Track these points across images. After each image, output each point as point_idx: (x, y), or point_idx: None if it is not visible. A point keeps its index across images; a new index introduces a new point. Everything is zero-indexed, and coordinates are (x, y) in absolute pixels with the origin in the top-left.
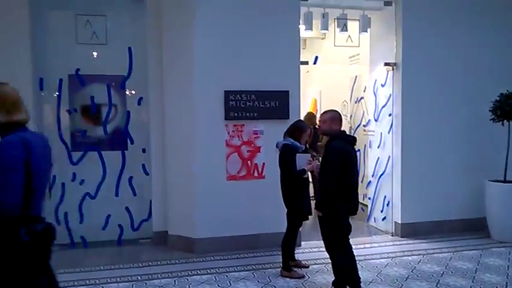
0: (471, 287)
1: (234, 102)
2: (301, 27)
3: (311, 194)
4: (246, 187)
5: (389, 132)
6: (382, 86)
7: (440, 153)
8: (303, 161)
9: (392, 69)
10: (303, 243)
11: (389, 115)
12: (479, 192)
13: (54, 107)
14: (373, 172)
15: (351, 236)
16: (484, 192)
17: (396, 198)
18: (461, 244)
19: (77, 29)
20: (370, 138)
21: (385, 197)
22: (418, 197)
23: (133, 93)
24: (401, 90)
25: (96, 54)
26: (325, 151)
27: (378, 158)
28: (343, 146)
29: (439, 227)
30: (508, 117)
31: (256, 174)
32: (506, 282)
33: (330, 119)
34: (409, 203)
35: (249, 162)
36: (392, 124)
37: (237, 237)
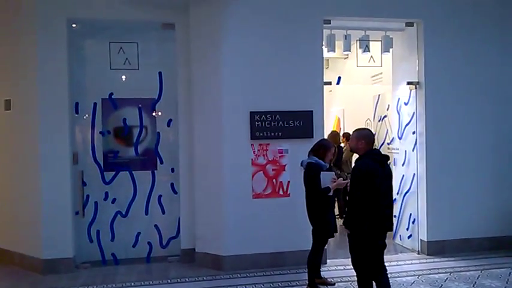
0: None
1: (260, 123)
2: (324, 49)
3: (336, 212)
4: (272, 205)
5: (413, 149)
6: (406, 104)
7: (466, 170)
8: (328, 178)
9: (415, 87)
10: (328, 261)
11: (413, 133)
12: (506, 209)
13: (89, 129)
14: (398, 190)
15: None
16: (511, 209)
17: (422, 216)
18: (489, 262)
19: (110, 55)
20: (395, 156)
21: (411, 214)
22: (444, 214)
23: (160, 114)
24: (425, 108)
25: (128, 79)
26: (352, 169)
27: (403, 175)
28: (368, 164)
29: (466, 245)
30: None
31: (281, 192)
32: None
33: (356, 137)
34: (434, 220)
35: (274, 180)
36: (416, 142)
37: (263, 254)
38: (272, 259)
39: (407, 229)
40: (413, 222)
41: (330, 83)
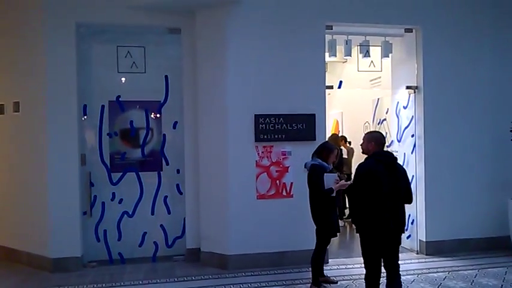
0: None
1: (264, 125)
2: (326, 54)
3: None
4: (275, 206)
5: (412, 152)
6: (405, 108)
7: (463, 173)
8: (331, 180)
9: (414, 92)
10: (330, 261)
11: (412, 136)
12: (503, 210)
13: (96, 131)
14: None
15: None
16: (507, 210)
17: (421, 217)
18: (486, 262)
19: (118, 59)
20: None
21: (410, 215)
22: (442, 215)
23: (165, 116)
24: (424, 112)
25: (135, 82)
26: None
27: None
28: (370, 165)
29: (464, 245)
30: None
31: (284, 193)
32: None
33: (367, 139)
34: (433, 221)
35: (277, 181)
36: (415, 145)
37: (267, 254)
38: (276, 258)
39: (406, 229)
40: (412, 223)
41: (331, 87)
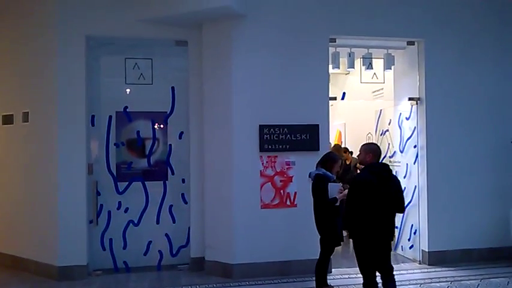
0: None
1: (268, 136)
2: (329, 66)
3: None
4: (279, 215)
5: (414, 163)
6: (407, 119)
7: (466, 183)
8: (335, 189)
9: (416, 103)
10: (333, 270)
11: (415, 147)
12: (505, 220)
13: (103, 141)
14: None
15: None
16: (509, 220)
17: (423, 227)
18: (488, 272)
19: (126, 71)
20: (396, 169)
21: (412, 225)
22: (445, 225)
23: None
24: (426, 123)
25: (142, 93)
26: None
27: (405, 187)
28: (365, 177)
29: (466, 256)
30: None
31: (288, 202)
32: None
33: (364, 150)
34: (435, 231)
35: (281, 191)
36: (417, 155)
37: (271, 263)
38: (280, 267)
39: (408, 239)
40: (414, 233)
41: (335, 98)
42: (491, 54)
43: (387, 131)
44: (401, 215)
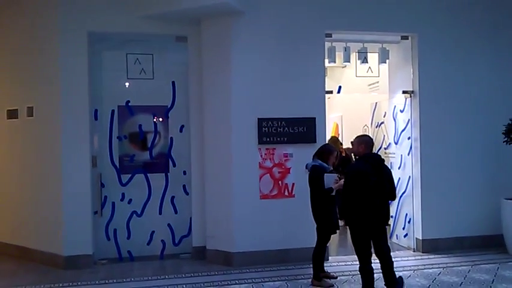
0: None
1: (266, 129)
2: (325, 60)
3: None
4: (278, 205)
5: (409, 154)
6: (401, 111)
7: (458, 173)
8: (331, 180)
9: (410, 96)
10: (330, 258)
11: (409, 138)
12: (496, 210)
13: (107, 134)
14: None
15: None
16: (500, 209)
17: (417, 216)
18: (479, 258)
19: (127, 66)
20: (391, 160)
21: (406, 214)
22: (438, 214)
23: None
24: (419, 116)
25: (144, 88)
26: None
27: (399, 178)
28: (359, 166)
29: (459, 243)
30: None
31: (286, 193)
32: None
33: (357, 142)
34: (429, 220)
35: (280, 182)
36: (411, 147)
37: (270, 251)
38: (279, 255)
39: (403, 228)
40: (409, 222)
41: (331, 92)
42: (482, 48)
43: (382, 123)
44: (396, 205)
